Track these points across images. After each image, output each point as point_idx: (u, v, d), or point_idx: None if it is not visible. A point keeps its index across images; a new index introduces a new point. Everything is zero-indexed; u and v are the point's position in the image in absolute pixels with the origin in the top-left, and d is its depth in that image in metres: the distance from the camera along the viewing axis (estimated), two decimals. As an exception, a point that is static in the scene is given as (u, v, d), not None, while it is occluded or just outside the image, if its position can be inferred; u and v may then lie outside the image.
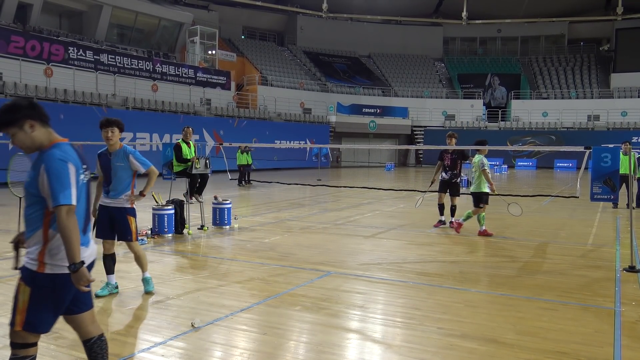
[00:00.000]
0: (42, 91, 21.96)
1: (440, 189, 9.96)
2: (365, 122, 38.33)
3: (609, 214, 12.17)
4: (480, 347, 4.04)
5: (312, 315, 4.79)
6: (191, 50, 34.48)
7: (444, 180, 9.88)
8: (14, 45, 22.84)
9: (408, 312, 4.90)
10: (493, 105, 43.42)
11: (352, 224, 10.54)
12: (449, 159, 9.80)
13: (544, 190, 18.50)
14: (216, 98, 31.41)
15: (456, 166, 9.78)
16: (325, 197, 16.06)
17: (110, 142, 5.32)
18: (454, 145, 9.81)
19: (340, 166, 37.37)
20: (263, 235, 9.03)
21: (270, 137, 30.97)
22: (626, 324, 4.59)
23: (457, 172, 9.81)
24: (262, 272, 6.38)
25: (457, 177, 9.84)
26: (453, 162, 9.79)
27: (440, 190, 9.96)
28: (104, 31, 31.43)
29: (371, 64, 46.46)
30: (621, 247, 8.13)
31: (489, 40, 49.32)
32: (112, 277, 5.36)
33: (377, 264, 6.93)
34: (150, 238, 8.45)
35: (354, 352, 4.01)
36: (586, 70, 44.65)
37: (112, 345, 4.03)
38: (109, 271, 5.33)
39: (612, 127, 37.73)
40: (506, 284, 5.94)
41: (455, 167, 9.78)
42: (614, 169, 6.84)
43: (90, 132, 21.38)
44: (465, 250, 7.93)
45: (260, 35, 44.59)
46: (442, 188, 9.94)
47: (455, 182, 9.85)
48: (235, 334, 4.37)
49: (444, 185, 9.90)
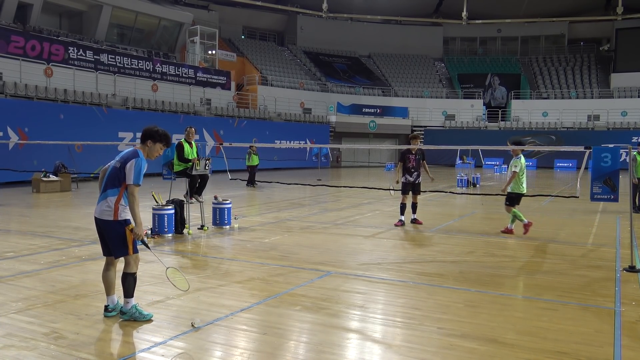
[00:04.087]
0: (42, 91, 21.95)
1: (404, 191, 10.17)
2: (365, 122, 38.32)
3: (609, 214, 12.17)
4: (480, 347, 4.04)
5: (312, 315, 4.79)
6: (191, 50, 34.47)
7: (408, 182, 10.13)
8: (14, 45, 22.82)
9: (408, 312, 4.90)
10: (493, 105, 43.41)
11: (352, 224, 10.54)
12: (413, 160, 10.11)
13: (544, 190, 18.49)
14: (216, 98, 31.40)
15: (419, 166, 10.16)
16: (325, 197, 16.06)
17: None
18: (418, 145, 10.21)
19: (340, 166, 37.36)
20: (263, 235, 9.03)
21: (270, 137, 30.96)
22: (626, 324, 4.59)
23: (419, 172, 10.18)
24: (262, 272, 6.38)
25: (420, 176, 10.19)
26: (417, 162, 10.15)
27: (404, 192, 10.18)
28: (104, 31, 31.43)
29: (371, 64, 46.45)
30: (621, 247, 8.13)
31: (489, 40, 49.31)
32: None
33: (377, 264, 6.93)
34: (150, 238, 8.45)
35: (354, 352, 4.01)
36: (586, 70, 44.64)
37: (112, 345, 4.04)
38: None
39: (612, 127, 37.71)
40: (506, 284, 5.94)
41: (419, 167, 10.16)
42: (614, 169, 6.84)
43: (90, 132, 21.49)
44: (465, 250, 7.93)
45: (260, 35, 44.59)
46: (406, 190, 10.17)
47: (418, 183, 10.22)
48: (235, 334, 4.37)
49: (408, 187, 10.16)
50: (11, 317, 4.63)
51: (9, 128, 19.01)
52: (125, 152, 4.69)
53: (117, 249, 4.57)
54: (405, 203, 10.21)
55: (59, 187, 16.89)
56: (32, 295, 5.27)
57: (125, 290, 4.59)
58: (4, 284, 5.71)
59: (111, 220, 4.52)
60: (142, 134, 4.77)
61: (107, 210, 4.53)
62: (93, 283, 5.78)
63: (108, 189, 4.57)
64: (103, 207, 4.55)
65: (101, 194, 4.62)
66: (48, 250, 7.58)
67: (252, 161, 19.31)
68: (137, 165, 4.52)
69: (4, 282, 5.76)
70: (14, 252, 7.44)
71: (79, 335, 4.21)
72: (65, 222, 10.51)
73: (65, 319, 4.60)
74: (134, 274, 4.62)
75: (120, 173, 4.55)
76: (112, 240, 4.58)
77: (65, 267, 6.59)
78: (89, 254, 7.33)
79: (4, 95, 20.42)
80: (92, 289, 5.52)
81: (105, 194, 4.57)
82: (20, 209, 12.71)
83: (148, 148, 4.73)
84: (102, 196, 4.59)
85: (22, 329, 4.32)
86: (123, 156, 4.65)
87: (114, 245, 4.58)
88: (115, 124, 23.02)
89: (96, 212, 4.62)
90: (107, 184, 4.59)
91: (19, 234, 9.17)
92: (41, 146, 18.27)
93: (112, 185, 4.56)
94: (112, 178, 4.58)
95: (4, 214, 11.69)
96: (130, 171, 4.51)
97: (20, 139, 19.00)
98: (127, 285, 4.58)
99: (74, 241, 8.35)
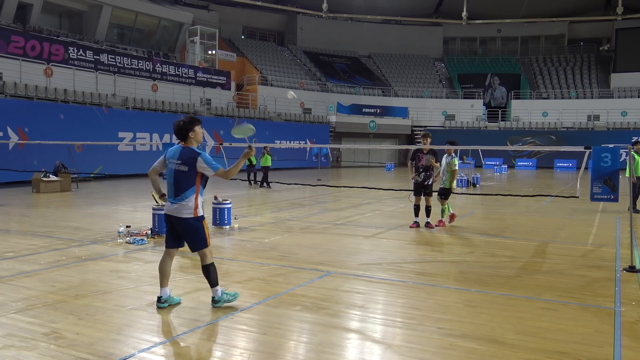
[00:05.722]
0: (42, 91, 21.95)
1: (415, 192, 10.00)
2: (365, 122, 38.31)
3: (609, 214, 12.16)
4: (480, 347, 4.04)
5: (312, 315, 4.79)
6: (191, 50, 34.47)
7: (418, 182, 9.88)
8: (14, 45, 22.82)
9: (408, 312, 4.90)
10: (493, 105, 43.41)
11: (352, 224, 10.54)
12: (423, 159, 9.79)
13: (544, 190, 18.50)
14: (216, 98, 31.40)
15: (430, 167, 9.79)
16: (325, 197, 16.06)
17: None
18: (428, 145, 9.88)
19: (340, 166, 37.36)
20: (263, 235, 9.03)
21: (270, 137, 30.94)
22: (626, 324, 4.59)
23: (430, 173, 9.83)
24: (262, 272, 6.38)
25: (430, 177, 9.84)
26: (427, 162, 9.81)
27: (415, 193, 10.01)
28: (104, 31, 31.43)
29: (371, 64, 46.45)
30: (621, 247, 8.13)
31: (489, 40, 49.30)
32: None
33: (377, 264, 6.93)
34: (150, 238, 8.46)
35: (354, 352, 4.01)
36: (586, 70, 44.64)
37: (112, 345, 4.04)
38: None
39: (612, 127, 37.72)
40: (506, 284, 5.94)
41: (430, 167, 9.79)
42: (614, 169, 6.84)
43: (90, 132, 21.50)
44: (465, 250, 7.93)
45: (260, 35, 44.58)
46: (417, 191, 9.96)
47: (429, 185, 9.86)
48: (235, 334, 4.37)
49: (419, 187, 9.92)
50: (11, 317, 4.63)
51: (9, 128, 19.01)
52: (181, 154, 4.86)
53: (198, 243, 4.88)
54: (418, 205, 10.05)
55: (59, 187, 16.89)
56: (32, 295, 5.27)
57: (211, 281, 4.91)
58: (4, 284, 5.71)
59: (191, 217, 4.81)
60: (179, 132, 4.90)
61: (187, 209, 4.80)
62: (93, 283, 5.78)
63: (185, 191, 4.81)
64: (182, 207, 4.79)
65: (177, 196, 4.82)
66: (48, 250, 7.58)
67: (266, 161, 19.12)
68: (206, 160, 4.82)
69: (4, 282, 5.76)
70: (14, 252, 7.44)
71: (79, 335, 4.21)
72: (65, 222, 10.51)
73: (65, 319, 4.60)
74: (213, 264, 4.94)
75: (191, 174, 4.81)
76: (192, 236, 4.87)
77: (65, 267, 6.59)
78: (89, 254, 7.33)
79: (4, 95, 20.42)
80: (92, 289, 5.52)
81: (183, 195, 4.80)
82: (20, 209, 12.71)
83: (194, 139, 4.93)
84: (179, 198, 4.81)
85: (22, 329, 4.32)
86: (182, 158, 4.83)
87: (194, 241, 4.88)
88: (115, 124, 23.01)
89: (171, 211, 4.85)
90: (181, 186, 4.82)
91: (19, 234, 9.17)
92: (41, 146, 18.27)
93: (187, 186, 4.82)
94: (184, 180, 4.81)
95: (4, 214, 11.69)
96: (205, 168, 4.81)
97: (20, 139, 19.00)
98: (211, 275, 4.90)
99: (74, 241, 8.35)
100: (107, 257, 7.19)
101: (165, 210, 4.95)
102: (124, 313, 4.83)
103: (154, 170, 5.15)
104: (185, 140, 4.90)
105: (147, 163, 23.18)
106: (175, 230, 4.94)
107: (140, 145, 24.08)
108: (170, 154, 4.95)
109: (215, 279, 4.92)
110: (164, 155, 5.04)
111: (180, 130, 4.90)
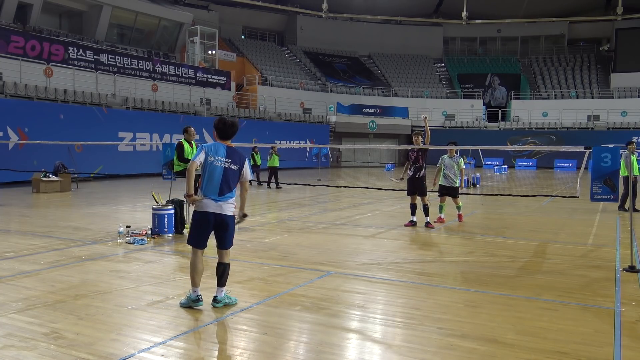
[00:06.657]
0: (42, 91, 21.94)
1: (408, 190, 10.10)
2: (365, 122, 38.31)
3: (609, 214, 12.17)
4: (480, 347, 4.04)
5: (312, 315, 4.79)
6: (191, 50, 34.47)
7: (409, 177, 10.03)
8: (14, 45, 22.82)
9: (408, 312, 4.90)
10: (493, 105, 43.41)
11: (352, 224, 10.54)
12: (413, 156, 10.02)
13: (544, 190, 18.50)
14: (216, 98, 31.41)
15: (418, 160, 9.92)
16: (325, 197, 16.06)
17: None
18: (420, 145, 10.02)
19: (340, 166, 37.36)
20: (263, 235, 9.03)
21: (270, 137, 30.95)
22: (626, 324, 4.59)
23: (419, 165, 9.93)
24: (262, 272, 6.38)
25: (420, 170, 9.91)
26: (416, 158, 9.97)
27: (409, 192, 10.10)
28: (104, 31, 31.42)
29: (371, 64, 46.45)
30: (621, 247, 8.13)
31: (489, 40, 49.30)
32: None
33: (377, 264, 6.93)
34: (150, 238, 8.46)
35: (354, 352, 4.01)
36: (586, 70, 44.64)
37: (112, 345, 4.04)
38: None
39: (612, 127, 37.72)
40: (506, 284, 5.94)
41: (418, 160, 9.91)
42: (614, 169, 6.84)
43: (90, 132, 21.49)
44: (465, 250, 7.93)
45: (260, 35, 44.57)
46: (410, 189, 10.05)
47: (419, 178, 9.92)
48: (235, 334, 4.37)
49: (411, 183, 10.02)
50: (11, 317, 4.63)
51: (9, 128, 19.00)
52: (230, 153, 4.98)
53: (230, 241, 5.02)
54: (414, 203, 10.12)
55: (59, 187, 16.89)
56: (32, 295, 5.27)
57: (223, 281, 4.98)
58: (4, 284, 5.71)
59: (232, 215, 4.99)
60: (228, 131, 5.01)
61: (231, 207, 4.95)
62: (93, 283, 5.78)
63: (233, 189, 4.98)
64: (227, 205, 4.92)
65: (223, 194, 4.90)
66: (48, 250, 7.58)
67: (273, 162, 18.96)
68: (248, 164, 5.15)
69: (4, 282, 5.76)
70: (14, 252, 7.44)
71: (79, 335, 4.21)
72: (65, 222, 10.51)
73: (65, 319, 4.60)
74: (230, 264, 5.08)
75: (238, 174, 5.01)
76: (230, 234, 5.00)
77: (65, 267, 6.59)
78: (89, 254, 7.33)
79: (4, 95, 20.41)
80: (92, 289, 5.52)
81: (231, 193, 4.96)
82: (20, 209, 12.71)
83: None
84: (227, 196, 4.93)
85: (22, 329, 4.32)
86: (232, 157, 4.97)
87: (229, 239, 5.01)
88: (115, 124, 23.01)
89: (216, 209, 4.88)
90: (230, 184, 4.94)
91: (19, 234, 9.17)
92: (41, 146, 18.27)
93: (234, 185, 4.99)
94: (233, 179, 4.96)
95: (4, 214, 11.69)
96: (247, 171, 5.07)
97: (20, 139, 19.00)
98: (225, 275, 4.99)
99: (74, 241, 8.35)
100: (107, 257, 7.20)
101: (206, 209, 4.86)
102: (124, 313, 4.83)
103: (194, 165, 4.99)
104: (229, 139, 5.06)
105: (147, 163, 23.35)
106: (209, 229, 4.95)
107: (140, 146, 24.06)
108: (213, 151, 4.93)
109: (226, 280, 5.01)
110: (204, 150, 4.95)
111: (232, 129, 5.04)
